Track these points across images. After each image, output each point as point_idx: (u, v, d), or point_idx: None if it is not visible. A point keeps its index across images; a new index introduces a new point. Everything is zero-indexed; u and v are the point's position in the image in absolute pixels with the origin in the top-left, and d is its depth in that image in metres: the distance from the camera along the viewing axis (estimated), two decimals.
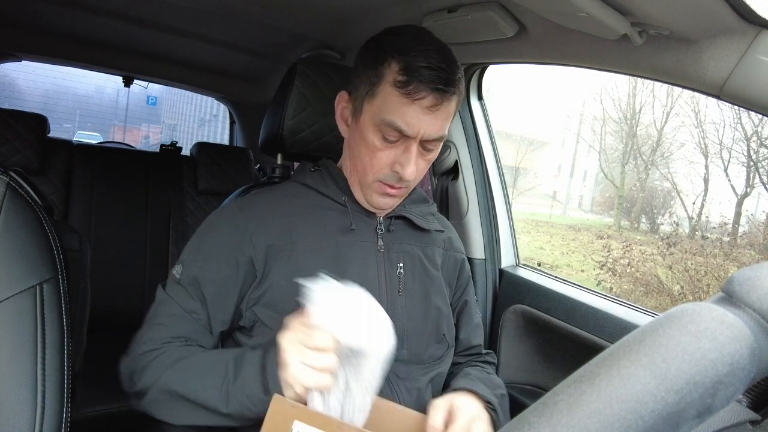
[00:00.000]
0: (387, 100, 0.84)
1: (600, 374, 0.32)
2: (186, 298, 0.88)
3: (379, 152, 0.87)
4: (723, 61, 0.79)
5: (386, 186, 0.89)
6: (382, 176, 0.88)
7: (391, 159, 0.87)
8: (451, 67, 0.83)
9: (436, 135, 0.85)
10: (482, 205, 1.52)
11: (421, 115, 0.82)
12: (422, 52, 0.82)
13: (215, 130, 16.07)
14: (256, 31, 1.75)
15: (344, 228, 0.93)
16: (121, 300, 1.98)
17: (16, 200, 0.74)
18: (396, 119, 0.83)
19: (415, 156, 0.86)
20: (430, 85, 0.81)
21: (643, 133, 9.92)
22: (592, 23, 0.86)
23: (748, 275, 0.36)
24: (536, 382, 1.34)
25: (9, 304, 0.69)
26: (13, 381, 0.68)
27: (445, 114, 0.85)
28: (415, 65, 0.81)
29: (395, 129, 0.83)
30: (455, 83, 0.83)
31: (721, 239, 6.33)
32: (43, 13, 1.81)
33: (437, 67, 0.81)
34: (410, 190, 0.94)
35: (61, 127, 16.94)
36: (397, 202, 0.95)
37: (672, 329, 0.33)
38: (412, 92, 0.81)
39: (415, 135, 0.84)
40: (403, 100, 0.82)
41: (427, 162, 0.90)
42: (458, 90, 0.85)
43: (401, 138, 0.85)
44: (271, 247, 0.89)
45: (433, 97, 0.81)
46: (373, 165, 0.88)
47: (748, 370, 0.33)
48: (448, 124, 0.87)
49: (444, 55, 0.84)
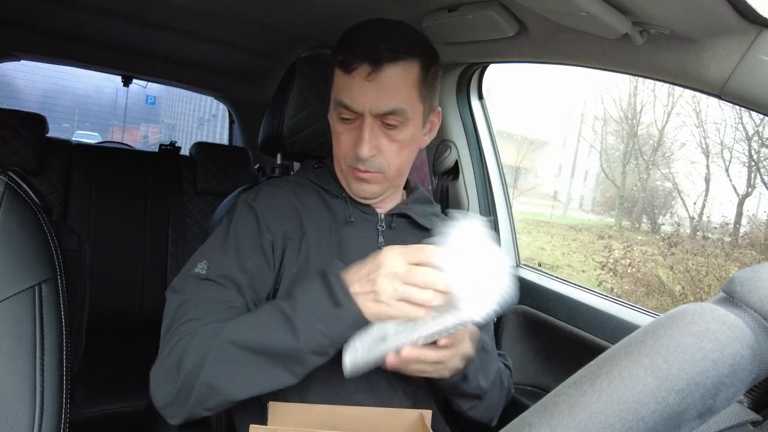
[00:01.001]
0: (336, 82, 0.89)
1: (601, 375, 0.32)
2: (219, 290, 0.83)
3: (341, 135, 0.90)
4: (724, 60, 0.79)
5: (355, 170, 0.90)
6: (350, 160, 0.90)
7: (352, 141, 0.89)
8: (395, 38, 0.85)
9: (387, 107, 0.85)
10: (482, 205, 1.51)
11: (363, 87, 0.84)
12: (363, 31, 0.87)
13: (214, 130, 16.07)
14: (256, 31, 1.75)
15: (345, 221, 0.94)
16: (120, 300, 1.98)
17: (14, 200, 0.73)
18: (342, 96, 0.86)
19: (368, 133, 0.86)
20: (364, 56, 0.83)
21: (644, 132, 9.92)
22: (592, 22, 0.86)
23: (749, 276, 0.36)
24: (537, 383, 1.34)
25: (7, 304, 0.69)
26: (11, 381, 0.68)
27: (390, 84, 0.84)
28: (352, 42, 0.86)
29: (344, 106, 0.86)
30: (395, 51, 0.84)
31: (723, 239, 6.32)
32: (42, 12, 1.81)
33: (374, 40, 0.84)
34: (390, 176, 0.92)
35: (60, 127, 16.95)
36: (376, 189, 0.93)
37: (673, 330, 0.33)
38: (347, 65, 0.84)
39: (362, 109, 0.85)
40: (345, 77, 0.86)
41: (398, 144, 0.89)
42: (403, 59, 0.85)
43: (357, 117, 0.87)
44: (285, 235, 0.91)
45: (368, 65, 0.83)
46: (340, 149, 0.91)
47: (750, 371, 0.32)
48: (403, 96, 0.86)
49: (390, 31, 0.87)
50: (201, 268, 0.86)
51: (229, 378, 0.74)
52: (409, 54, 0.86)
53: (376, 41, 0.84)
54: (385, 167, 0.90)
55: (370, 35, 0.85)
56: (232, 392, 0.74)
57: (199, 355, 0.74)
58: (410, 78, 0.86)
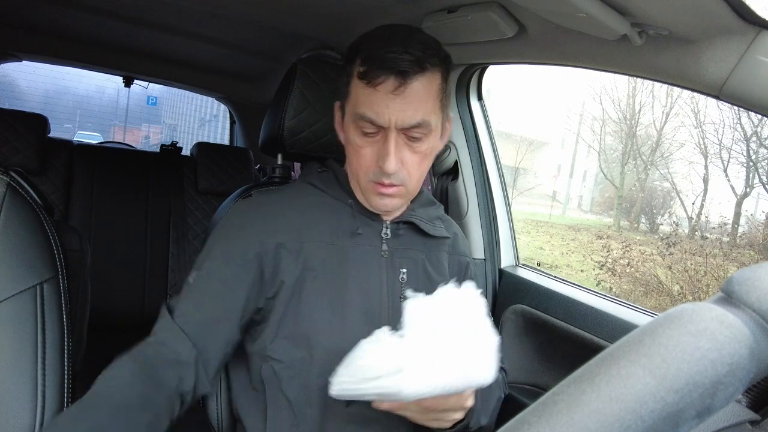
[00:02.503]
0: (356, 94, 0.84)
1: (599, 374, 0.32)
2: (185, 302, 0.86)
3: (362, 150, 0.86)
4: (723, 61, 0.79)
5: (378, 185, 0.87)
6: (372, 175, 0.86)
7: (375, 155, 0.85)
8: (416, 48, 0.81)
9: (413, 120, 0.82)
10: (482, 206, 1.52)
11: (388, 101, 0.81)
12: (384, 40, 0.82)
13: (215, 130, 16.06)
14: (256, 31, 1.75)
15: (351, 231, 0.92)
16: (121, 299, 1.98)
17: (16, 200, 0.74)
18: (365, 110, 0.82)
19: (394, 146, 0.83)
20: (389, 69, 0.80)
21: (643, 133, 9.92)
22: (591, 24, 0.86)
23: (747, 275, 0.36)
24: (536, 382, 1.34)
25: (9, 303, 0.69)
26: (13, 380, 0.68)
27: (415, 97, 0.82)
28: (375, 53, 0.81)
29: (367, 120, 0.83)
30: (420, 63, 0.81)
31: (721, 239, 6.33)
32: (43, 13, 1.81)
33: (397, 50, 0.80)
34: (411, 189, 0.90)
35: (62, 127, 16.93)
36: (399, 202, 0.91)
37: (671, 329, 0.33)
38: (372, 79, 0.81)
39: (388, 123, 0.82)
40: (367, 90, 0.82)
41: (420, 155, 0.87)
42: (428, 70, 0.82)
43: (379, 131, 0.84)
44: (281, 246, 0.88)
45: (395, 79, 0.80)
46: (360, 165, 0.87)
47: (748, 370, 0.33)
48: (427, 108, 0.84)
49: (410, 39, 0.82)
50: (192, 277, 0.90)
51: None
52: (433, 64, 0.83)
53: (400, 52, 0.80)
54: (407, 180, 0.87)
55: (392, 45, 0.81)
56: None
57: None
58: (433, 89, 0.84)
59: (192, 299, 0.87)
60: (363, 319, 0.88)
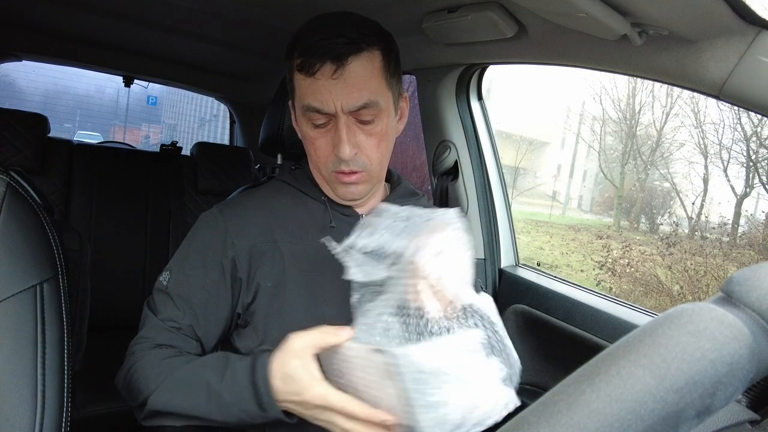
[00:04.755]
0: (299, 87, 0.84)
1: (599, 374, 0.32)
2: (171, 307, 0.87)
3: (316, 141, 0.86)
4: (723, 61, 0.79)
5: (339, 174, 0.87)
6: (332, 165, 0.86)
7: (329, 144, 0.85)
8: (350, 31, 0.81)
9: (358, 102, 0.81)
10: (482, 205, 1.52)
11: (330, 87, 0.80)
12: (316, 29, 0.82)
13: (215, 130, 16.06)
14: (256, 31, 1.75)
15: (324, 226, 0.92)
16: (121, 299, 1.98)
17: (16, 200, 0.73)
18: (310, 100, 0.82)
19: (345, 132, 0.82)
20: (324, 55, 0.79)
21: (643, 133, 9.92)
22: (591, 23, 0.86)
23: (747, 275, 0.36)
24: (536, 382, 1.34)
25: (9, 303, 0.69)
26: (13, 380, 0.68)
27: (356, 78, 0.80)
28: (309, 43, 0.81)
29: (314, 110, 0.82)
30: (355, 43, 0.80)
31: (721, 239, 6.32)
32: (43, 12, 1.81)
33: (331, 35, 0.80)
34: (374, 173, 0.89)
35: (62, 127, 16.95)
36: (364, 189, 0.90)
37: (671, 329, 0.33)
38: (309, 68, 0.80)
39: (334, 109, 0.81)
40: (308, 80, 0.81)
41: (376, 137, 0.86)
42: (364, 50, 0.81)
43: (329, 120, 0.84)
44: (254, 248, 0.88)
45: (331, 63, 0.79)
46: (319, 156, 0.87)
47: (748, 370, 0.33)
48: (372, 87, 0.82)
49: (343, 24, 0.82)
50: (164, 278, 0.90)
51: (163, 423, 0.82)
52: (369, 44, 0.82)
53: (334, 37, 0.79)
54: (368, 164, 0.87)
55: (326, 32, 0.80)
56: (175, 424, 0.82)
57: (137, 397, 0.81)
58: (375, 68, 0.83)
59: (178, 306, 0.87)
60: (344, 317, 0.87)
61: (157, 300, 0.89)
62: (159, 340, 0.86)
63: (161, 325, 0.86)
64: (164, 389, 0.79)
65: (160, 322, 0.86)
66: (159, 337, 0.86)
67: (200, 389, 0.77)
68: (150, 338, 0.86)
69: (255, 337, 0.87)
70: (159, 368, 0.81)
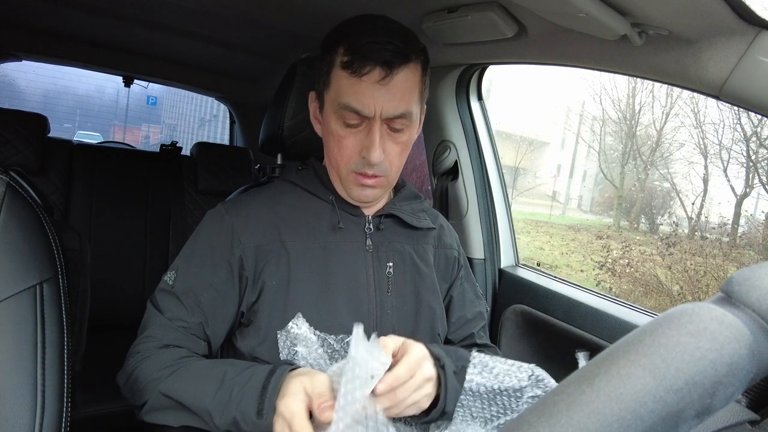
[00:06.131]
0: (339, 84, 0.84)
1: (599, 374, 0.32)
2: (178, 306, 0.87)
3: (344, 140, 0.86)
4: (722, 61, 0.79)
5: (360, 176, 0.87)
6: (354, 165, 0.87)
7: (357, 145, 0.85)
8: (399, 39, 0.82)
9: (397, 111, 0.83)
10: (482, 206, 1.52)
11: (374, 91, 0.81)
12: (366, 30, 0.82)
13: (215, 130, 16.07)
14: (256, 31, 1.75)
15: (332, 226, 0.92)
16: (121, 299, 1.98)
17: (16, 200, 0.73)
18: (350, 100, 0.82)
19: (378, 137, 0.83)
20: (375, 59, 0.80)
21: (643, 133, 9.92)
22: (591, 24, 0.86)
23: (747, 276, 0.36)
24: None
25: (9, 303, 0.69)
26: (13, 381, 0.68)
27: (400, 88, 0.82)
28: (359, 43, 0.81)
29: (352, 110, 0.83)
30: (405, 54, 0.82)
31: (721, 239, 6.32)
32: (43, 12, 1.81)
33: (382, 41, 0.80)
34: (391, 179, 0.91)
35: (62, 127, 16.96)
36: (379, 193, 0.91)
37: (671, 329, 0.33)
38: (358, 69, 0.80)
39: (373, 114, 0.82)
40: (352, 80, 0.82)
41: (401, 146, 0.88)
42: (411, 61, 0.83)
43: (362, 121, 0.84)
44: (260, 248, 0.88)
45: (381, 69, 0.80)
46: (342, 155, 0.87)
47: (747, 371, 0.33)
48: (411, 99, 0.85)
49: (391, 30, 0.83)
50: (169, 277, 0.90)
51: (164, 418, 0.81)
52: (416, 56, 0.84)
53: (384, 43, 0.80)
54: (389, 170, 0.88)
55: (375, 36, 0.81)
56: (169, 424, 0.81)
57: (142, 394, 0.81)
58: (416, 80, 0.85)
59: (186, 304, 0.87)
60: (351, 316, 0.87)
61: (163, 299, 0.88)
62: (166, 339, 0.85)
63: (169, 324, 0.86)
64: (177, 377, 0.79)
65: (167, 321, 0.86)
66: (166, 336, 0.85)
67: (215, 379, 0.76)
68: (156, 337, 0.85)
69: (256, 336, 0.87)
70: (175, 367, 0.81)
